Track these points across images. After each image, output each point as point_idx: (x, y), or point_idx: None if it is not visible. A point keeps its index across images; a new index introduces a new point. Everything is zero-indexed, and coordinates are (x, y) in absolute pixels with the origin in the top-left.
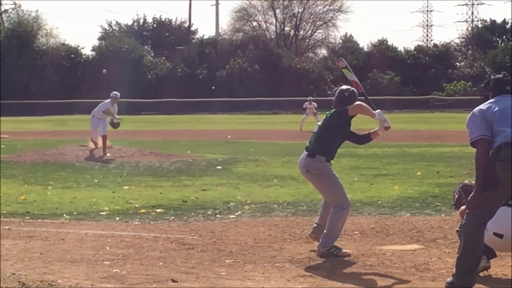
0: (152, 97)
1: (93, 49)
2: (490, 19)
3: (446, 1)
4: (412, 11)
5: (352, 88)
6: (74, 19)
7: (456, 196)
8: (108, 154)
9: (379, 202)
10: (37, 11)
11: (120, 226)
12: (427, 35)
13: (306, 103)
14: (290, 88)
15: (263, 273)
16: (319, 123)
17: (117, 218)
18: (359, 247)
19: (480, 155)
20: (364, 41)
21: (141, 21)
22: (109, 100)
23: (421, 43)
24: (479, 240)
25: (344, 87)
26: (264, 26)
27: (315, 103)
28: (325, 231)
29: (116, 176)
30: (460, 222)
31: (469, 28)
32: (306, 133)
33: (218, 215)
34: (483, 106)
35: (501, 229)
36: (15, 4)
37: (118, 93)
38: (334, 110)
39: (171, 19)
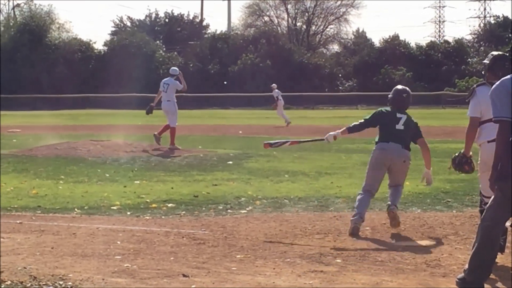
0: None
1: (105, 44)
2: (503, 15)
3: None
4: (425, 7)
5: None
6: (87, 14)
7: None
8: (179, 147)
9: None
10: (50, 5)
11: (131, 220)
12: (439, 31)
13: (278, 95)
14: (302, 84)
15: (274, 268)
16: (403, 122)
17: (128, 213)
18: (370, 243)
19: (504, 137)
20: (376, 37)
21: (153, 16)
22: (172, 78)
23: (433, 39)
24: (496, 237)
25: (399, 87)
26: (276, 21)
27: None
28: (395, 198)
29: (127, 170)
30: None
31: (481, 24)
32: (314, 128)
33: (229, 210)
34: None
35: None
36: None
37: (176, 69)
38: (414, 121)
39: (183, 14)
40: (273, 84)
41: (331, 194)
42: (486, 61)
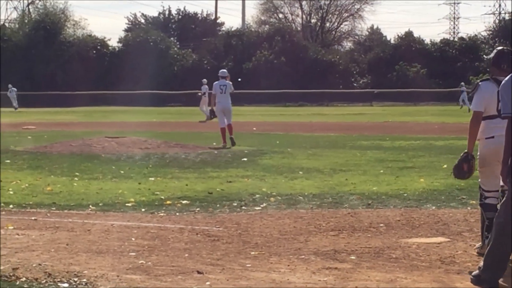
0: (178, 88)
1: (119, 41)
2: None
3: None
4: (439, 3)
5: None
6: (101, 11)
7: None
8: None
9: (405, 194)
10: (65, 3)
11: (146, 217)
12: (454, 28)
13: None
14: (316, 80)
15: (288, 265)
16: None
17: (143, 210)
18: (385, 240)
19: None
20: (391, 33)
21: (167, 13)
22: (223, 79)
23: (447, 36)
24: (510, 233)
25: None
26: (290, 18)
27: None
28: None
29: (142, 167)
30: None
31: (496, 21)
32: (322, 124)
33: (243, 207)
34: None
35: None
36: None
37: (226, 70)
38: None
39: (197, 12)
40: (204, 79)
41: (346, 191)
42: (490, 56)
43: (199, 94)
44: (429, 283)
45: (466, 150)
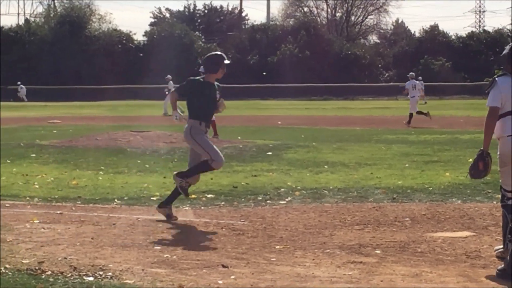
0: None
1: (145, 34)
2: None
3: None
4: None
5: None
6: (126, 5)
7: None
8: None
9: (430, 188)
10: None
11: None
12: (480, 21)
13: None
14: (341, 74)
15: (313, 259)
16: None
17: None
18: (410, 234)
19: None
20: (416, 27)
21: (192, 7)
22: None
23: (473, 29)
24: None
25: None
26: (315, 12)
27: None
28: None
29: (167, 161)
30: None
31: None
32: (348, 118)
33: (268, 201)
34: None
35: None
36: None
37: None
38: None
39: (222, 6)
40: (168, 76)
41: (371, 185)
42: (505, 51)
43: (166, 91)
44: (455, 277)
45: (481, 148)
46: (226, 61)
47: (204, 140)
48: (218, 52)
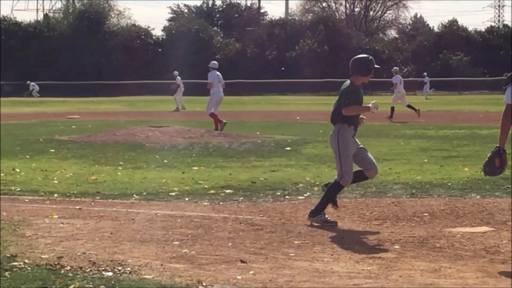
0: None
1: (163, 29)
2: None
3: None
4: None
5: None
6: (144, 0)
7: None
8: None
9: (449, 184)
10: None
11: (189, 206)
12: (499, 16)
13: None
14: None
15: (332, 255)
16: None
17: (187, 199)
18: (429, 229)
19: None
20: (435, 22)
21: (210, 2)
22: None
23: (492, 24)
24: None
25: None
26: (334, 7)
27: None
28: None
29: (185, 156)
30: None
31: None
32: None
33: (287, 196)
34: None
35: None
36: None
37: None
38: None
39: (240, 1)
40: (175, 72)
41: (389, 180)
42: None
43: (173, 86)
44: (474, 273)
45: (497, 144)
46: (376, 66)
47: (346, 152)
48: (368, 55)
